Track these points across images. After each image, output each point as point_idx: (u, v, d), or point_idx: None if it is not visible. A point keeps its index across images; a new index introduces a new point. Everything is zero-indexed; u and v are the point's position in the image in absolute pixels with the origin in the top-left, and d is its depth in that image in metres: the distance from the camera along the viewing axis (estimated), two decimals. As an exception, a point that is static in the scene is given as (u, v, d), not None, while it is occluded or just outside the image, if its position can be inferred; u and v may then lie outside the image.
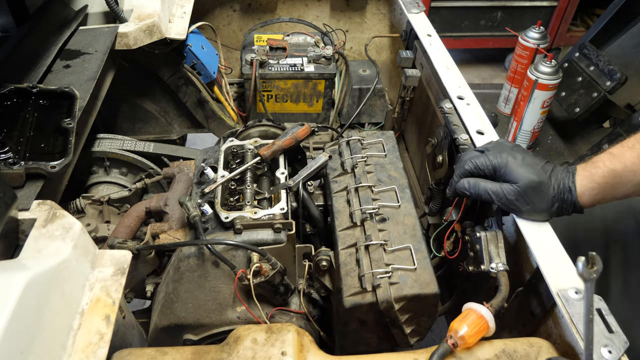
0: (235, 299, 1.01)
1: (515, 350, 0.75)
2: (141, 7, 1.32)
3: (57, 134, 0.91)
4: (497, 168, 0.89)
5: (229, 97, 1.68)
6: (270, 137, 1.26)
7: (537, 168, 0.88)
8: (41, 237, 0.71)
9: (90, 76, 1.07)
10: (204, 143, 2.41)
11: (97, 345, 0.66)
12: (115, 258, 0.77)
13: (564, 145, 1.98)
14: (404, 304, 0.87)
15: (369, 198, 1.01)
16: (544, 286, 0.79)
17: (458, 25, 3.08)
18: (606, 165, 0.85)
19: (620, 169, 0.84)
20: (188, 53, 1.48)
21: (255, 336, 0.75)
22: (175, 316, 1.01)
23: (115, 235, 1.08)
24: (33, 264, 0.64)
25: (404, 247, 0.92)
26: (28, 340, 0.58)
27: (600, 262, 0.60)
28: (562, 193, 0.86)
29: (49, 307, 0.63)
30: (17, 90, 0.95)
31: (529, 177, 0.86)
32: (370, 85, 1.57)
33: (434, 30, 1.47)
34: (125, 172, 1.38)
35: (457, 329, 0.73)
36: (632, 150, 0.85)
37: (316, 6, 1.84)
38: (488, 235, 0.90)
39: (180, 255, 0.98)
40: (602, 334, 0.70)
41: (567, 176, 0.87)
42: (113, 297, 0.72)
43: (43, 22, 1.20)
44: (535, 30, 1.92)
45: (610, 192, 0.86)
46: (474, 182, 0.91)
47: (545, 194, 0.86)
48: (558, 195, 0.86)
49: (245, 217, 0.99)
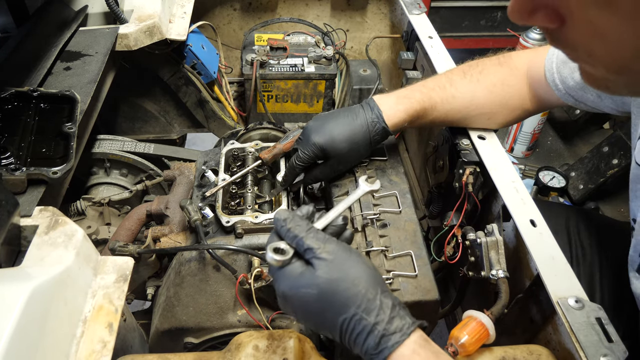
0: (236, 303, 1.01)
1: (515, 357, 0.75)
2: (141, 7, 1.31)
3: (58, 139, 0.90)
4: (318, 153, 0.98)
5: (229, 96, 1.67)
6: (271, 139, 1.26)
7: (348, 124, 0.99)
8: (44, 245, 0.71)
9: (91, 78, 1.07)
10: (203, 143, 2.40)
11: (100, 353, 0.66)
12: (118, 265, 0.77)
13: (564, 146, 1.99)
14: (404, 310, 0.87)
15: (369, 203, 1.01)
16: (544, 293, 0.80)
17: (458, 25, 3.07)
18: (418, 102, 0.99)
19: (428, 105, 0.99)
20: (188, 53, 1.48)
21: (256, 343, 0.76)
22: (176, 320, 1.02)
23: (116, 238, 1.08)
24: (36, 273, 0.64)
25: (405, 254, 0.92)
26: (31, 350, 0.59)
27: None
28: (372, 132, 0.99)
29: (52, 316, 0.63)
30: (17, 94, 0.94)
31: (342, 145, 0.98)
32: (370, 85, 1.57)
33: (436, 32, 1.47)
34: (125, 174, 1.38)
35: (458, 336, 0.73)
36: (439, 90, 1.01)
37: (317, 5, 1.83)
38: (489, 241, 0.90)
39: (182, 259, 0.98)
40: (601, 343, 0.70)
41: (377, 114, 0.98)
42: (115, 304, 0.72)
43: (43, 22, 1.19)
44: (536, 31, 1.92)
45: (414, 122, 1.01)
46: None
47: (360, 143, 0.99)
48: (370, 136, 0.98)
49: (246, 221, 0.99)
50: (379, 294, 0.62)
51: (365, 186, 0.82)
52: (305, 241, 0.63)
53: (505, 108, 1.04)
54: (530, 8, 0.43)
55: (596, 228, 1.14)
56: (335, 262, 0.62)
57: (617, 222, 1.26)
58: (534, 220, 0.89)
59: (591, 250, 1.10)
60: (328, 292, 0.61)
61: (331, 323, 0.62)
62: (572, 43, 0.44)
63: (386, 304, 0.61)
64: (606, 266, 1.08)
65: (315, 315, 0.63)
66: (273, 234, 0.68)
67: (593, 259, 1.09)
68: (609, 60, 0.42)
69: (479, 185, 1.02)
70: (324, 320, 0.62)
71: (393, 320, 0.61)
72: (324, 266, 0.61)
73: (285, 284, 0.63)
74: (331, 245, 0.63)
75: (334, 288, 0.61)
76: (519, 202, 0.92)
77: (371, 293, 0.61)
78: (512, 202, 0.92)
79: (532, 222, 0.89)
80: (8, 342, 0.54)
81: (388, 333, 0.60)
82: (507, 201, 0.92)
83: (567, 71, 0.94)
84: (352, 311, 0.60)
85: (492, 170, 0.98)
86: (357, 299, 0.60)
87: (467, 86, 1.02)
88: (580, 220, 1.16)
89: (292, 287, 0.63)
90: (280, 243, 0.65)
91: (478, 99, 1.02)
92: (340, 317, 0.61)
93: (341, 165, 1.03)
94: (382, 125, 0.98)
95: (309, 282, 0.61)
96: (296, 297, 0.63)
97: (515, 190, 0.94)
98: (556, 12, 0.42)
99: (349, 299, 0.60)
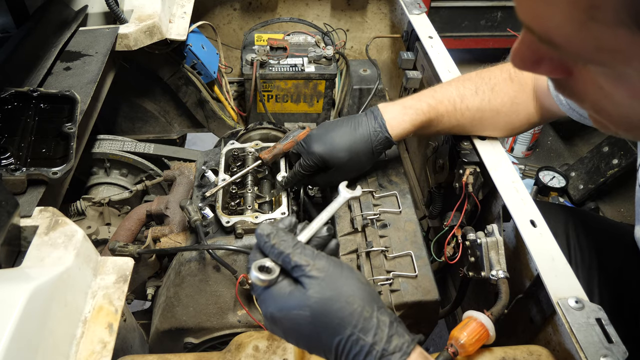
0: (236, 303, 1.01)
1: (515, 358, 0.75)
2: (141, 7, 1.31)
3: (58, 139, 0.90)
4: (319, 162, 0.97)
5: (229, 96, 1.67)
6: (271, 139, 1.26)
7: (350, 133, 0.98)
8: (43, 245, 0.71)
9: (91, 79, 1.07)
10: (203, 143, 2.40)
11: (100, 354, 0.66)
12: (118, 265, 0.77)
13: (564, 146, 1.99)
14: (404, 310, 0.87)
15: (370, 203, 1.01)
16: (544, 294, 0.80)
17: (458, 25, 3.06)
18: (425, 114, 0.98)
19: (434, 117, 0.98)
20: (188, 53, 1.48)
21: (257, 344, 0.76)
22: (176, 320, 1.02)
23: (116, 238, 1.08)
24: (36, 274, 0.64)
25: (405, 254, 0.92)
26: (31, 350, 0.59)
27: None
28: (375, 142, 0.98)
29: (52, 317, 0.63)
30: (17, 94, 0.94)
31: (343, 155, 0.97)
32: (370, 85, 1.57)
33: (436, 32, 1.47)
34: (125, 174, 1.38)
35: (458, 337, 0.73)
36: (448, 103, 0.99)
37: (317, 5, 1.83)
38: (489, 241, 0.90)
39: (182, 260, 0.98)
40: (601, 343, 0.70)
41: (380, 123, 0.98)
42: (115, 305, 0.72)
43: (43, 22, 1.19)
44: (536, 31, 1.92)
45: (418, 132, 1.00)
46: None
47: (362, 155, 0.98)
48: (373, 149, 0.98)
49: (247, 221, 0.99)
50: (375, 311, 0.58)
51: (346, 193, 0.76)
52: (293, 258, 0.58)
53: (510, 124, 1.04)
54: (535, 59, 0.40)
55: (595, 231, 1.14)
56: (327, 279, 0.57)
57: (616, 224, 1.26)
58: (534, 220, 0.89)
59: (590, 253, 1.10)
60: (321, 313, 0.57)
61: (326, 345, 0.58)
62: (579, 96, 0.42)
63: (383, 321, 0.58)
64: (605, 269, 1.08)
65: (308, 338, 0.59)
66: (255, 251, 0.62)
67: (592, 262, 1.09)
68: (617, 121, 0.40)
69: (479, 186, 1.02)
70: (318, 342, 0.58)
71: (392, 339, 0.57)
72: (316, 285, 0.57)
73: (273, 306, 0.58)
74: (321, 261, 0.59)
75: (328, 308, 0.57)
76: (519, 202, 0.92)
77: (367, 311, 0.57)
78: (512, 202, 0.92)
79: (532, 222, 0.89)
80: (8, 342, 0.54)
81: (387, 353, 0.56)
82: (507, 201, 0.92)
83: None
84: (348, 331, 0.56)
85: (492, 170, 0.98)
86: (353, 319, 0.57)
87: (478, 105, 1.00)
88: (579, 222, 1.15)
89: (281, 308, 0.58)
90: (265, 260, 0.60)
91: (486, 118, 1.01)
92: (335, 338, 0.57)
93: (341, 175, 0.99)
94: (385, 135, 0.96)
95: (300, 303, 0.57)
96: (286, 319, 0.58)
97: (515, 190, 0.94)
98: (562, 64, 0.40)
99: (344, 319, 0.57)
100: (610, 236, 1.14)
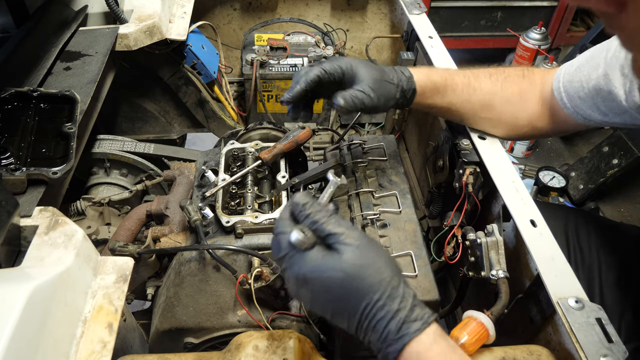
0: (236, 303, 1.01)
1: (515, 358, 0.75)
2: (141, 7, 1.31)
3: (58, 139, 0.90)
4: (345, 70, 0.93)
5: (229, 96, 1.67)
6: (271, 139, 1.26)
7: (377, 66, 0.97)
8: (43, 245, 0.71)
9: (91, 79, 1.07)
10: (203, 143, 2.40)
11: (100, 353, 0.66)
12: (117, 265, 0.77)
13: (564, 146, 1.99)
14: (404, 310, 0.87)
15: (370, 203, 1.01)
16: (544, 294, 0.80)
17: (458, 25, 3.06)
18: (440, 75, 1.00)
19: (450, 84, 0.99)
20: (188, 53, 1.48)
21: (257, 343, 0.76)
22: (176, 320, 1.02)
23: (116, 238, 1.08)
24: (36, 273, 0.64)
25: (405, 254, 0.92)
26: (31, 350, 0.59)
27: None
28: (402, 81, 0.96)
29: (52, 316, 0.63)
30: (17, 94, 0.94)
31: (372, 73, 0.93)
32: (370, 86, 1.57)
33: (436, 32, 1.47)
34: (125, 174, 1.38)
35: (458, 337, 0.73)
36: (463, 77, 1.02)
37: (317, 5, 1.83)
38: (489, 241, 0.90)
39: (182, 260, 0.98)
40: (601, 343, 0.70)
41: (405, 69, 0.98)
42: (115, 304, 0.72)
43: (43, 22, 1.19)
44: (537, 31, 1.92)
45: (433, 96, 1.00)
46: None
47: (389, 83, 0.94)
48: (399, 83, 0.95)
49: (246, 221, 0.99)
50: (402, 283, 0.63)
51: (335, 179, 0.80)
52: (327, 227, 0.63)
53: (515, 119, 1.04)
54: None
55: (595, 231, 1.14)
56: (361, 248, 0.62)
57: (616, 224, 1.26)
58: (534, 220, 0.89)
59: (590, 253, 1.10)
60: (353, 277, 0.61)
61: (352, 308, 0.62)
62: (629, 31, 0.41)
63: (408, 292, 0.63)
64: (605, 270, 1.08)
65: (337, 300, 0.63)
66: (284, 219, 0.67)
67: (592, 263, 1.09)
68: None
69: (479, 185, 1.02)
70: (346, 305, 0.62)
71: (415, 308, 0.61)
72: (350, 252, 0.62)
73: (306, 267, 0.63)
74: (356, 232, 0.64)
75: (361, 273, 0.61)
76: (519, 202, 0.92)
77: (395, 281, 0.62)
78: (512, 202, 0.92)
79: (532, 222, 0.89)
80: (8, 342, 0.54)
81: (409, 320, 0.60)
82: (507, 201, 0.92)
83: (573, 90, 0.95)
84: (376, 296, 0.61)
85: (492, 170, 0.98)
86: (382, 286, 0.61)
87: (491, 87, 1.02)
88: (579, 223, 1.15)
89: (314, 269, 0.62)
90: (301, 226, 0.64)
91: (495, 105, 1.02)
92: (363, 302, 0.61)
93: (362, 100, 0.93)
94: (408, 75, 0.98)
95: (334, 266, 0.61)
96: (319, 280, 0.62)
97: (515, 190, 0.94)
98: None
99: (374, 285, 0.61)
100: (610, 236, 1.14)
